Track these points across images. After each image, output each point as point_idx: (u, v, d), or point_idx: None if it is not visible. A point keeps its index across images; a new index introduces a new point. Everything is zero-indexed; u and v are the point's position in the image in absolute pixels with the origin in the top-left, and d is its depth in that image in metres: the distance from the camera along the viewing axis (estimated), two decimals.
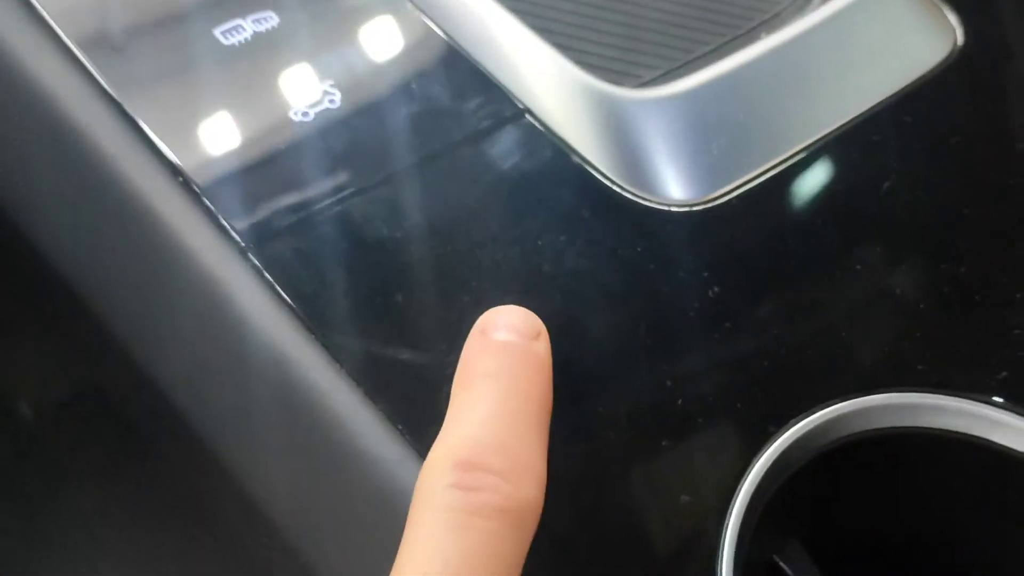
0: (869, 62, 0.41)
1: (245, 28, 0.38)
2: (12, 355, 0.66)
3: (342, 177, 0.35)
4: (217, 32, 0.37)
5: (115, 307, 0.38)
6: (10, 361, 0.66)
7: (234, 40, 0.37)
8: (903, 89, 0.41)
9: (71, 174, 0.37)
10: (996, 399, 0.33)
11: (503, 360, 0.28)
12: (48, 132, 0.37)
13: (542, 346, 0.29)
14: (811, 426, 0.32)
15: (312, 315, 0.32)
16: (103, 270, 0.38)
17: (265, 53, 0.37)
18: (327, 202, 0.34)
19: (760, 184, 0.37)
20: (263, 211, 0.34)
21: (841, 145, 0.39)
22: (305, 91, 0.36)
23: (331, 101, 0.36)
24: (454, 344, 0.31)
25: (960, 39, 0.42)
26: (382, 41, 0.38)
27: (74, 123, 0.36)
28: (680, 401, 0.32)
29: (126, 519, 0.53)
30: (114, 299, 0.38)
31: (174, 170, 0.34)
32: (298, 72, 0.37)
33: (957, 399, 0.33)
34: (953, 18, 0.43)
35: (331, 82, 0.37)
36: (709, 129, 0.38)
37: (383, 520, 0.29)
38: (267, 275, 0.32)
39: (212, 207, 0.34)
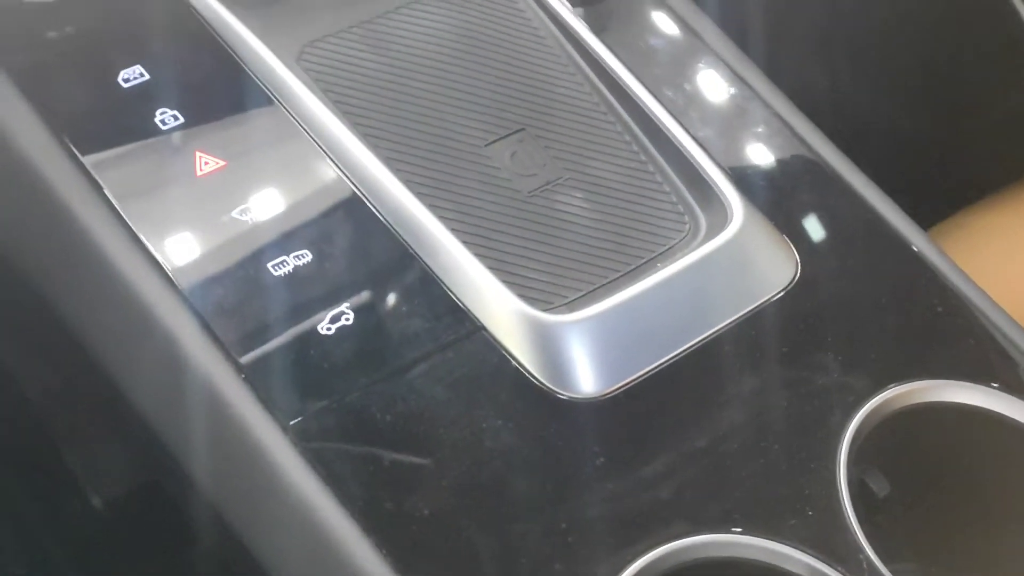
0: (732, 286, 0.58)
1: (288, 263, 0.55)
2: (86, 455, 0.84)
3: (355, 378, 0.51)
4: (269, 266, 0.54)
5: (168, 431, 0.54)
6: (84, 459, 0.84)
7: (281, 272, 0.54)
8: (755, 307, 0.57)
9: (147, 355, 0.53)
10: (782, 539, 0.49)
11: None
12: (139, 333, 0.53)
13: None
14: (658, 555, 0.48)
15: (336, 480, 0.48)
16: (163, 409, 0.54)
17: (303, 282, 0.54)
18: (345, 395, 0.51)
19: (644, 380, 0.54)
20: (299, 398, 0.51)
21: (707, 351, 0.55)
22: (331, 311, 0.53)
23: (347, 319, 0.53)
24: (445, 504, 0.48)
25: (800, 269, 0.59)
26: (383, 274, 0.55)
27: (152, 312, 0.53)
28: (569, 538, 0.48)
29: None
30: (169, 428, 0.54)
31: (238, 367, 0.51)
32: (326, 297, 0.54)
33: (749, 537, 0.49)
34: (795, 252, 0.60)
35: (347, 304, 0.54)
36: (609, 342, 0.54)
37: None
38: (300, 446, 0.49)
39: (259, 393, 0.50)
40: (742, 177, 0.62)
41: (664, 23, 0.69)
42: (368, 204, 0.57)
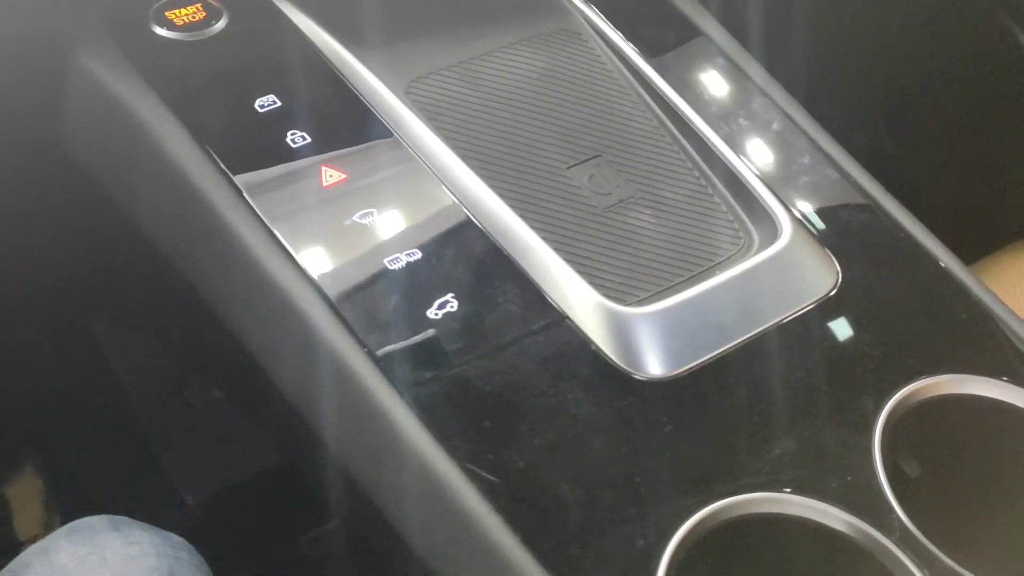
0: (781, 290, 0.67)
1: (401, 259, 0.64)
2: (183, 454, 0.93)
3: (459, 354, 0.60)
4: (385, 261, 0.64)
5: (303, 401, 0.63)
6: (179, 460, 0.93)
7: (395, 266, 0.64)
8: (801, 309, 0.66)
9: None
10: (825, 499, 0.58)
11: None
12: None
13: None
14: (718, 507, 0.57)
15: (446, 436, 0.57)
16: (297, 379, 0.63)
17: (413, 275, 0.63)
18: (452, 368, 0.60)
19: (705, 366, 0.62)
20: (413, 370, 0.60)
21: (760, 343, 0.64)
22: (437, 299, 0.62)
23: (451, 307, 0.62)
24: (537, 458, 0.56)
25: (840, 277, 0.68)
26: (481, 271, 0.64)
27: (303, 311, 0.62)
28: (642, 489, 0.57)
29: None
30: (303, 397, 0.63)
31: (361, 343, 0.60)
32: (433, 287, 0.63)
33: (798, 496, 0.57)
34: (837, 264, 0.68)
35: (451, 294, 0.63)
36: (675, 332, 0.63)
37: None
38: (415, 409, 0.58)
39: (379, 365, 0.59)
40: (790, 199, 0.71)
41: (721, 67, 0.78)
42: (467, 212, 0.66)
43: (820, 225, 0.70)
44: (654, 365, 0.62)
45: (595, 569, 0.54)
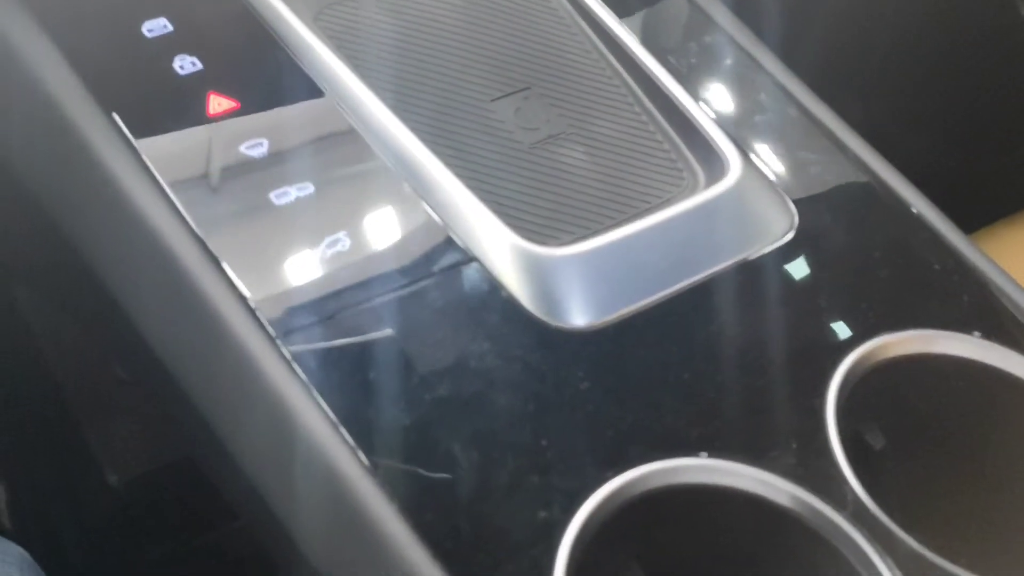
0: (726, 234, 0.58)
1: (291, 193, 0.56)
2: (110, 431, 0.85)
3: (346, 298, 0.52)
4: (272, 195, 0.56)
5: (204, 397, 0.55)
6: (106, 437, 0.85)
7: (283, 201, 0.56)
8: (750, 255, 0.57)
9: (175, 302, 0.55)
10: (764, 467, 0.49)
11: None
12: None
13: None
14: (636, 475, 0.48)
15: (323, 389, 0.49)
16: (197, 371, 0.55)
17: (303, 211, 0.55)
18: (336, 312, 0.52)
19: (633, 316, 0.54)
20: (291, 315, 0.52)
21: (698, 292, 0.56)
22: (328, 237, 0.54)
23: (342, 245, 0.54)
24: (425, 416, 0.48)
25: (797, 221, 0.59)
26: (380, 207, 0.56)
27: (174, 255, 0.54)
28: (548, 454, 0.49)
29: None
30: (203, 393, 0.55)
31: (237, 291, 0.52)
32: (324, 224, 0.55)
33: (730, 462, 0.49)
34: (793, 208, 0.60)
35: (344, 232, 0.55)
36: (600, 277, 0.55)
37: None
38: (291, 357, 0.50)
39: (254, 307, 0.51)
40: (744, 138, 0.63)
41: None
42: (369, 143, 0.58)
43: (776, 166, 0.62)
44: (574, 313, 0.54)
45: (483, 544, 0.46)
